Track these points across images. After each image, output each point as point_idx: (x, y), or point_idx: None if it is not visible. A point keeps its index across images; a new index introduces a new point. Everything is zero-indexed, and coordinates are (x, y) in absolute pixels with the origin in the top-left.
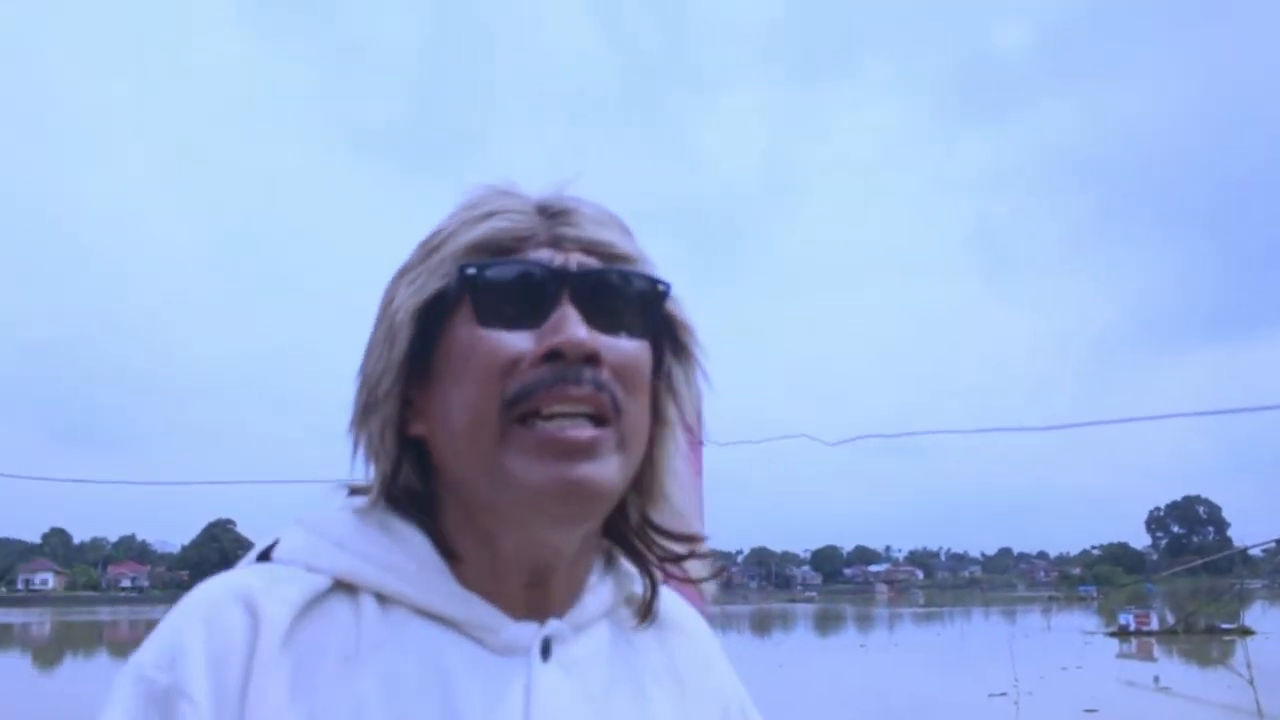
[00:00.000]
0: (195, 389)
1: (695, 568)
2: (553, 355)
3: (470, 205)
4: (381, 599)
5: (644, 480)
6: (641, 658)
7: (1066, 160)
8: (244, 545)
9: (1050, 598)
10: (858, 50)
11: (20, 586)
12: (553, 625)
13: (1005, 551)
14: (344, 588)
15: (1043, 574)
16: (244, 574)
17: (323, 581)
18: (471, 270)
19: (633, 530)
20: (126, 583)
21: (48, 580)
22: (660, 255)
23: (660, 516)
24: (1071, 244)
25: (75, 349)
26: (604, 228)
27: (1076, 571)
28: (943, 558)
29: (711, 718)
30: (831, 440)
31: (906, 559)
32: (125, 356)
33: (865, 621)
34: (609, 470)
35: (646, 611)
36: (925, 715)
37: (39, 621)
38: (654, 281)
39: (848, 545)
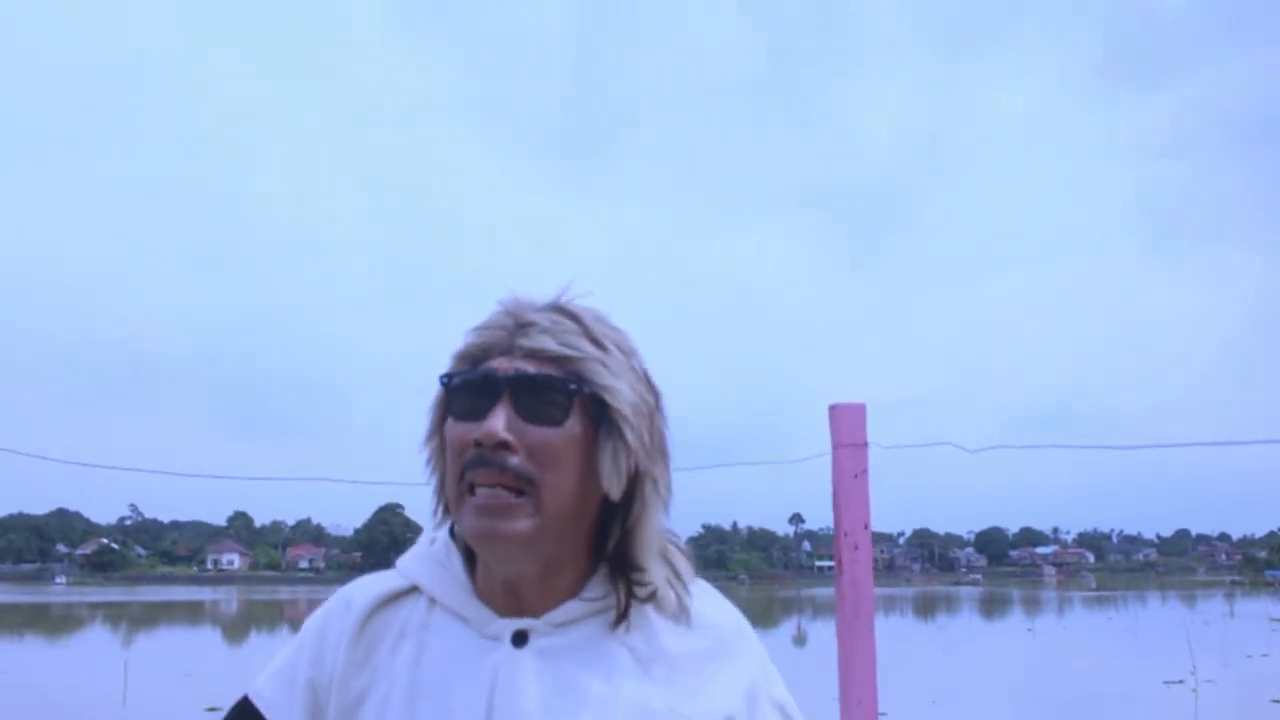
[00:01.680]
0: (363, 385)
1: (683, 571)
2: (478, 443)
3: (476, 321)
4: (432, 601)
5: (620, 525)
6: (634, 648)
7: (1235, 125)
8: (413, 528)
9: (1233, 582)
10: (1012, 18)
11: (209, 566)
12: (525, 621)
13: (1183, 533)
14: (415, 590)
15: (1224, 557)
16: (365, 577)
17: (403, 583)
18: (445, 378)
19: (611, 558)
20: (304, 564)
21: (233, 561)
22: (811, 238)
23: (635, 549)
24: (1242, 213)
25: (250, 344)
26: (549, 336)
27: (1262, 554)
28: (1115, 540)
29: (711, 702)
30: (972, 448)
31: (1076, 541)
32: (297, 352)
33: (1032, 605)
34: (520, 526)
35: (621, 616)
36: (1095, 703)
37: (226, 599)
38: (565, 381)
39: (1013, 527)
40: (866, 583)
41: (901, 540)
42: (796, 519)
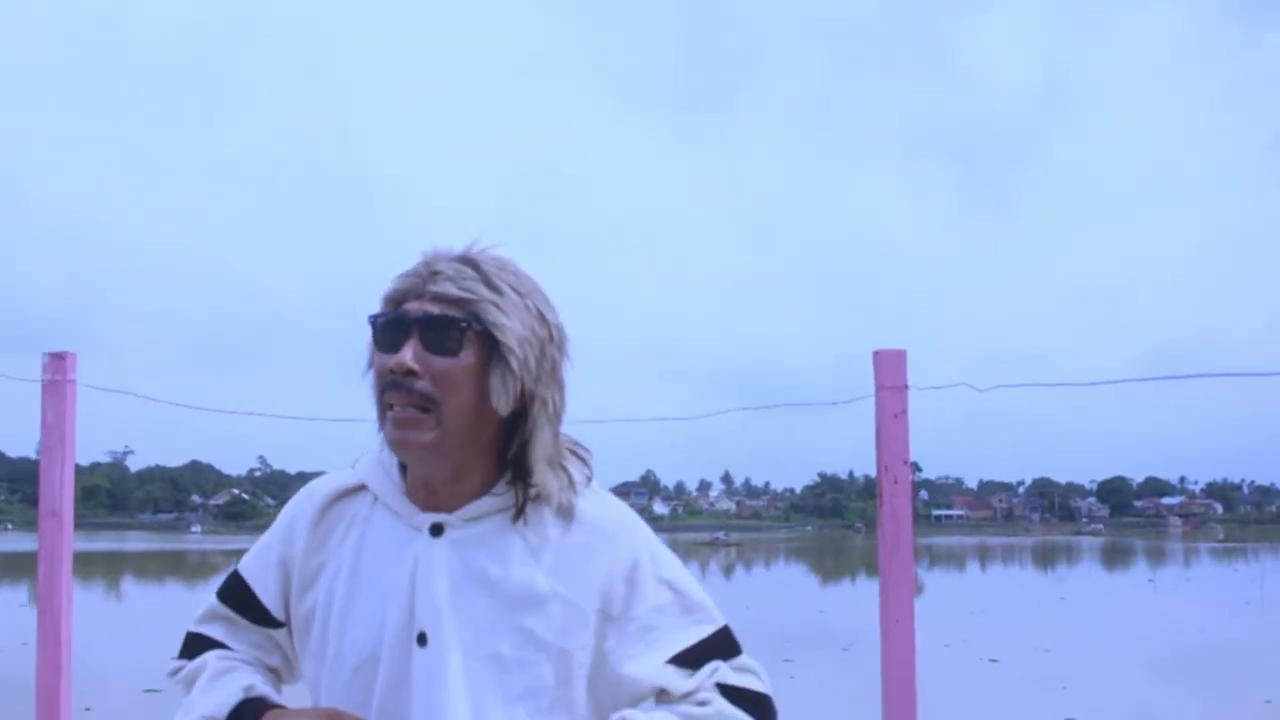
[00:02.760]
0: None
1: (575, 475)
2: (392, 371)
3: (399, 269)
4: (375, 498)
5: (518, 438)
6: (529, 540)
7: None
8: None
9: None
10: None
11: None
12: (440, 516)
13: None
14: (364, 488)
15: None
16: (327, 474)
17: (355, 481)
18: (371, 318)
19: (514, 461)
20: None
21: None
22: (933, 183)
23: (528, 457)
24: None
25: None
26: (451, 283)
27: None
28: (1246, 490)
29: (589, 582)
30: (982, 386)
31: (1203, 491)
32: None
33: (1156, 556)
34: (425, 437)
35: (519, 513)
36: (1216, 656)
37: None
38: (455, 319)
39: (1138, 476)
40: (905, 515)
41: (1021, 489)
42: (914, 467)
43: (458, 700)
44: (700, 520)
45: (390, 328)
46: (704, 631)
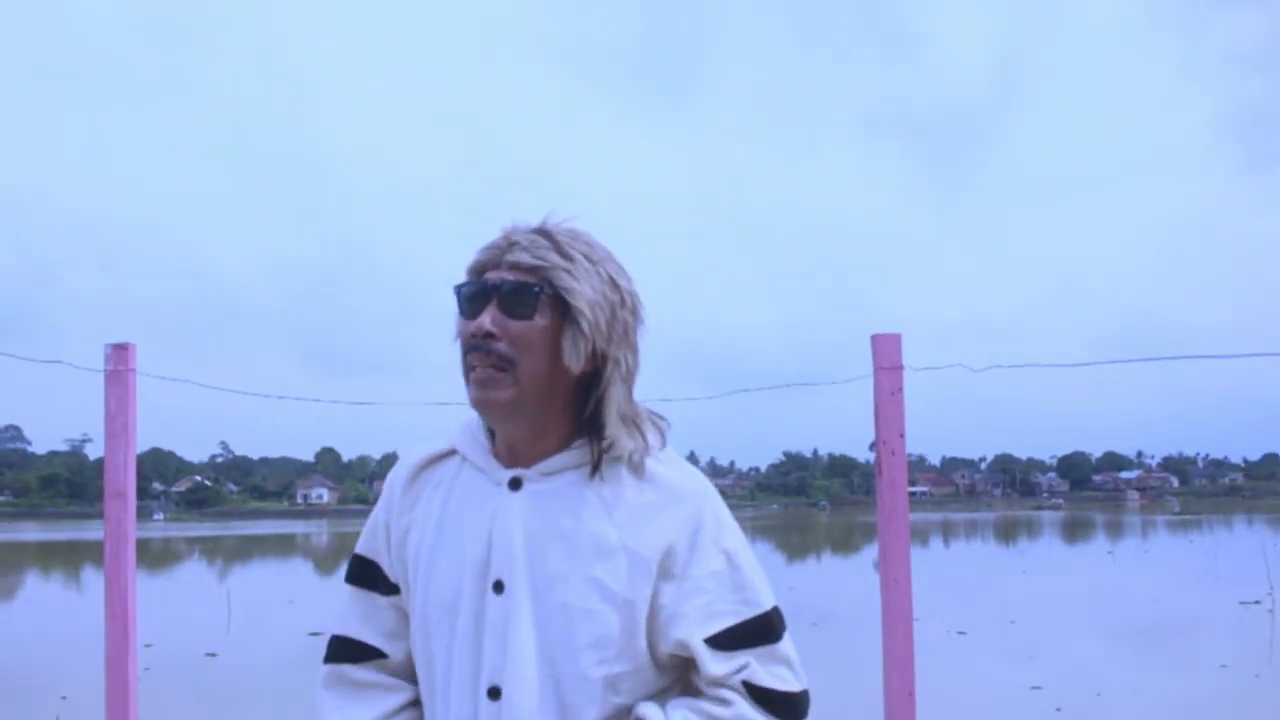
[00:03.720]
0: (443, 322)
1: (651, 439)
2: (473, 335)
3: (483, 241)
4: (463, 459)
5: (594, 398)
6: (602, 495)
7: None
8: None
9: None
10: None
11: (300, 500)
12: (519, 471)
13: (1271, 457)
14: (454, 452)
15: None
16: (421, 442)
17: (446, 447)
18: (456, 288)
19: (589, 420)
20: None
21: (322, 495)
22: (892, 164)
23: (602, 415)
24: None
25: (332, 283)
26: (526, 252)
27: None
28: (1200, 464)
29: (655, 538)
30: (978, 367)
31: (1160, 465)
32: (376, 290)
33: (1115, 529)
34: (503, 395)
35: (595, 468)
36: (1169, 622)
37: (317, 532)
38: (528, 285)
39: (1096, 451)
40: (902, 484)
41: (983, 466)
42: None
43: (528, 647)
44: None
45: (472, 296)
46: (746, 613)
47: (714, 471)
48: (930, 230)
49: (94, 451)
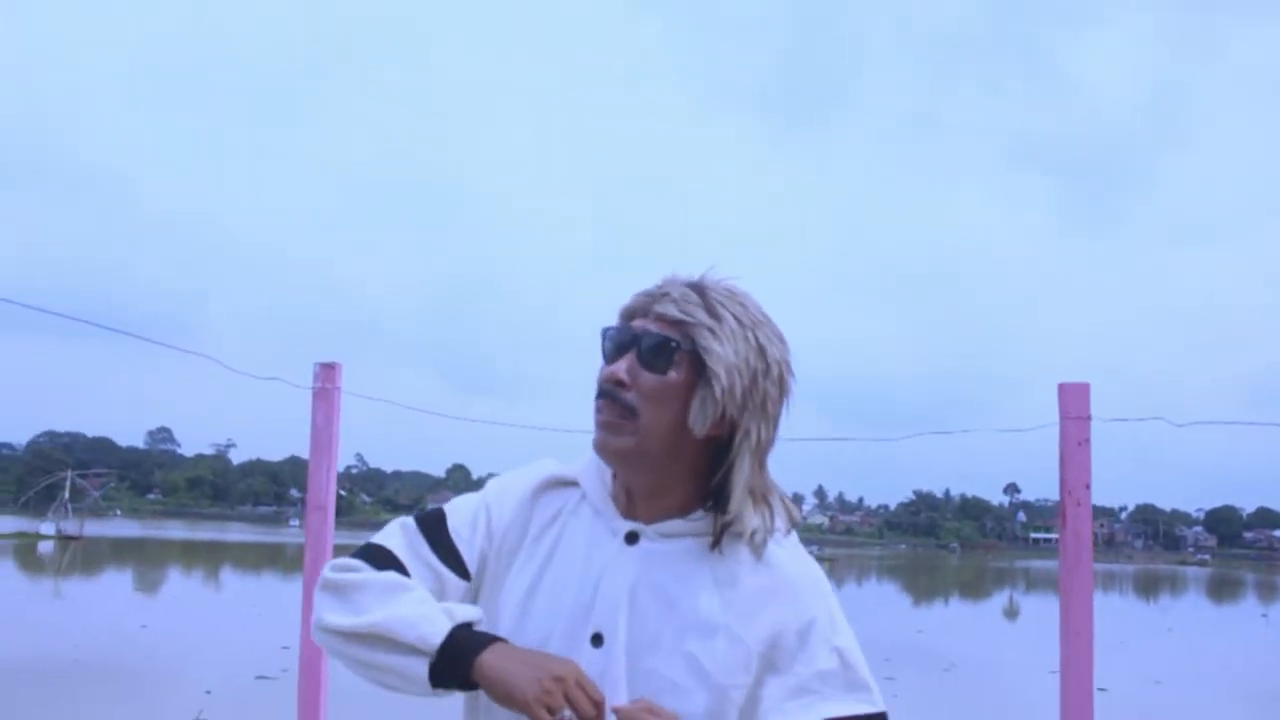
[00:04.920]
0: (577, 341)
1: (777, 522)
2: (605, 380)
3: (640, 287)
4: (584, 495)
5: (724, 469)
6: (716, 570)
7: None
8: None
9: None
10: None
11: None
12: (639, 525)
13: None
14: (577, 484)
15: None
16: (540, 461)
17: (571, 475)
18: (603, 330)
19: (714, 494)
20: None
21: None
22: (1032, 199)
23: (728, 487)
24: None
25: (467, 304)
26: (674, 305)
27: None
28: None
29: (762, 628)
30: (1180, 422)
31: None
32: (513, 316)
33: (1268, 591)
34: (621, 443)
35: (715, 542)
36: None
37: None
38: (667, 339)
39: (1249, 506)
40: (1086, 535)
41: (1123, 515)
42: (1012, 489)
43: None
44: None
45: (616, 341)
46: (861, 709)
47: (842, 507)
48: (1073, 270)
49: (237, 456)
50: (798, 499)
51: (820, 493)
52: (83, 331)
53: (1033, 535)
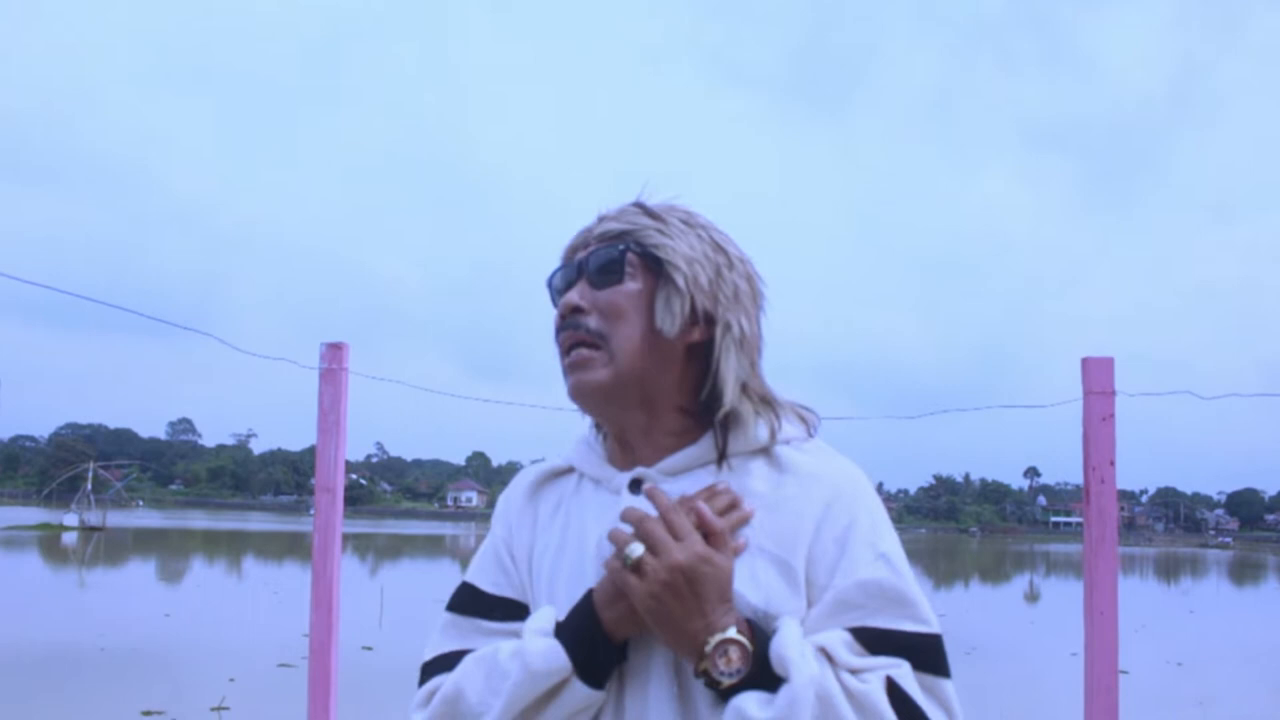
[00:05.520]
0: None
1: (789, 427)
2: (561, 315)
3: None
4: (581, 475)
5: (711, 375)
6: (733, 487)
7: None
8: None
9: None
10: None
11: (450, 503)
12: (638, 470)
13: None
14: (572, 470)
15: None
16: (533, 462)
17: (564, 464)
18: (548, 278)
19: (709, 406)
20: None
21: (472, 498)
22: (1052, 180)
23: (720, 390)
24: None
25: (486, 289)
26: (612, 221)
27: None
28: None
29: (795, 540)
30: (1207, 395)
31: None
32: (534, 303)
33: None
34: (598, 375)
35: (721, 457)
36: None
37: (465, 534)
38: (613, 247)
39: (1271, 488)
40: (1111, 512)
41: (1144, 499)
42: (1032, 473)
43: (660, 672)
44: None
45: (562, 280)
46: (908, 627)
47: None
48: (1094, 252)
49: (258, 446)
50: None
51: None
52: (104, 325)
53: (1053, 519)
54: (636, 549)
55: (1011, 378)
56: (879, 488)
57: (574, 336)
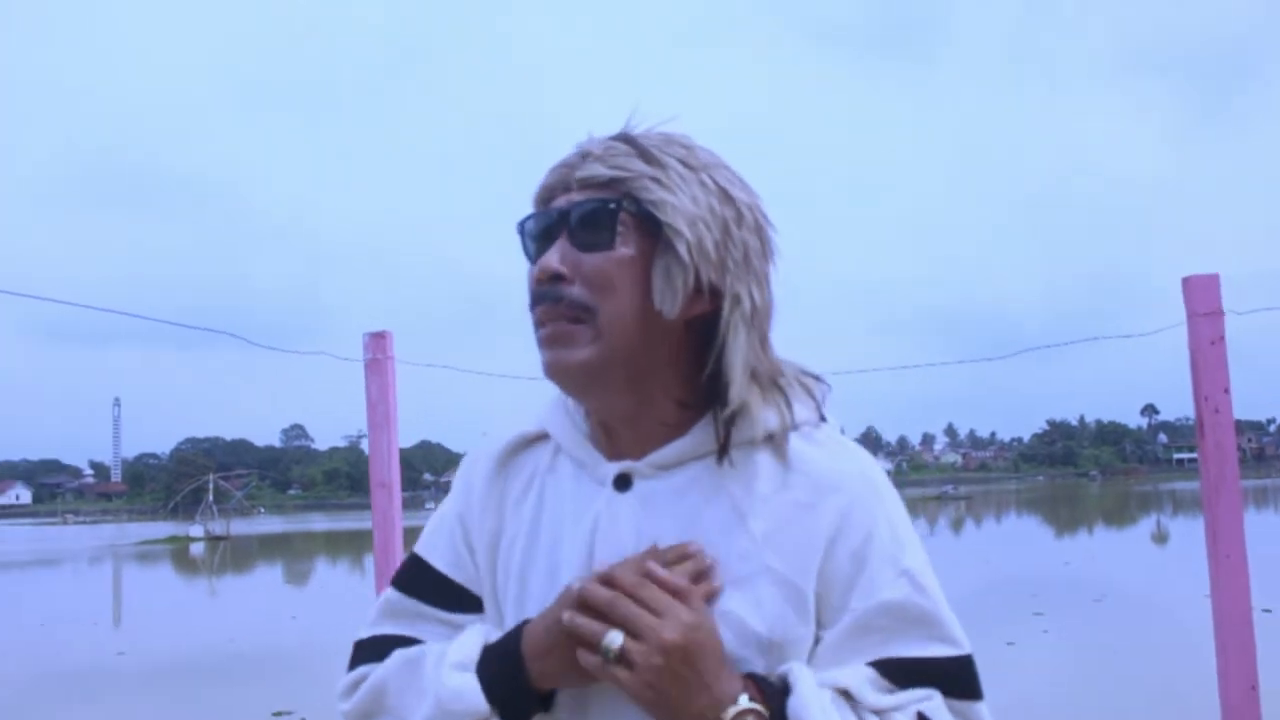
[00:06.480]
0: None
1: (799, 410)
2: (537, 280)
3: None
4: (558, 447)
5: (714, 354)
6: (735, 494)
7: None
8: None
9: None
10: None
11: None
12: (626, 464)
13: None
14: (547, 436)
15: None
16: (504, 430)
17: (537, 429)
18: (519, 223)
19: (708, 390)
20: None
21: None
22: (1153, 104)
23: (724, 376)
24: None
25: None
26: (598, 163)
27: None
28: None
29: (806, 559)
30: None
31: None
32: None
33: None
34: (581, 354)
35: (723, 452)
36: None
37: None
38: (603, 203)
39: None
40: (1230, 446)
41: (1272, 428)
42: (1150, 410)
43: (641, 704)
44: (926, 475)
45: (539, 232)
46: (935, 651)
47: (974, 443)
48: (1197, 171)
49: (366, 445)
50: (928, 439)
51: (951, 430)
52: (213, 342)
53: (1175, 456)
54: (616, 639)
55: (1125, 312)
56: (992, 437)
57: (553, 310)
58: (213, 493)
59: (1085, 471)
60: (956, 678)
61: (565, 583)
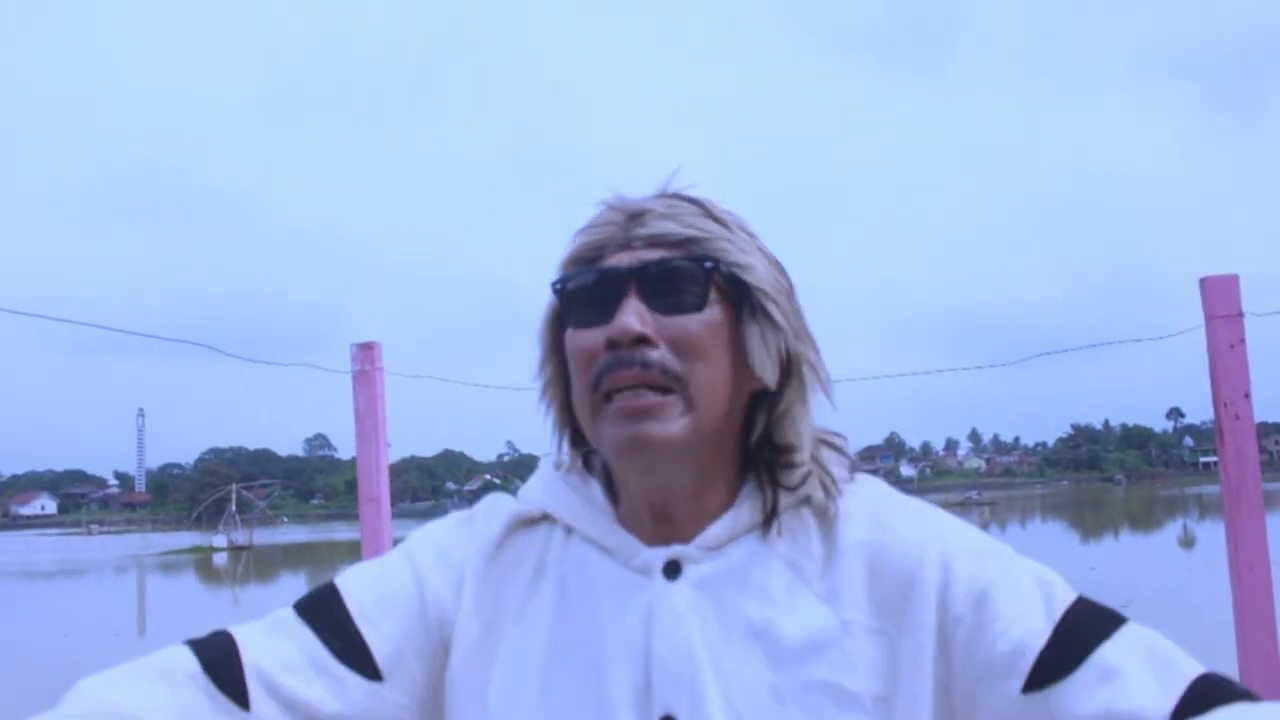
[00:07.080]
0: None
1: (835, 468)
2: (612, 344)
3: (581, 223)
4: (568, 530)
5: (766, 414)
6: (792, 558)
7: None
8: None
9: None
10: None
11: None
12: (675, 549)
13: None
14: (549, 519)
15: None
16: (485, 500)
17: (534, 511)
18: (558, 284)
19: (756, 455)
20: None
21: None
22: (1173, 106)
23: (786, 434)
24: None
25: None
26: (668, 220)
27: None
28: None
29: (882, 602)
30: None
31: None
32: None
33: None
34: (673, 428)
35: (768, 519)
36: None
37: None
38: (698, 261)
39: None
40: (1251, 452)
41: None
42: (1175, 414)
43: None
44: (950, 480)
45: (593, 292)
46: (1071, 599)
47: (998, 448)
48: (1217, 173)
49: (392, 455)
50: (951, 445)
51: (974, 435)
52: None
53: (1202, 460)
54: None
55: (1148, 315)
56: (1015, 441)
57: (639, 376)
58: (236, 503)
59: (1110, 476)
60: (1099, 611)
61: (615, 687)
